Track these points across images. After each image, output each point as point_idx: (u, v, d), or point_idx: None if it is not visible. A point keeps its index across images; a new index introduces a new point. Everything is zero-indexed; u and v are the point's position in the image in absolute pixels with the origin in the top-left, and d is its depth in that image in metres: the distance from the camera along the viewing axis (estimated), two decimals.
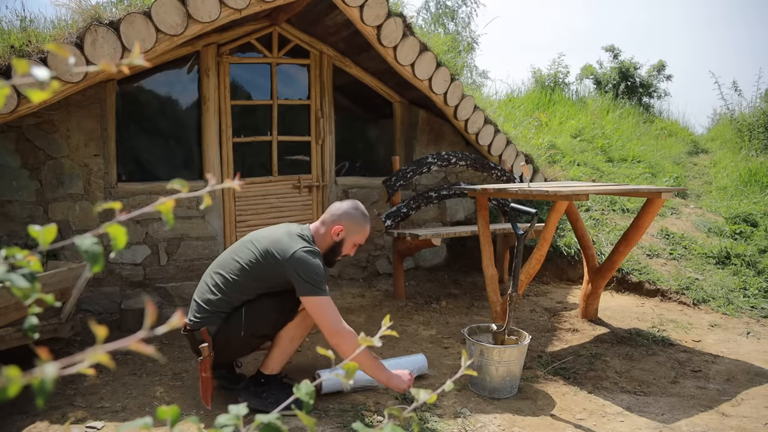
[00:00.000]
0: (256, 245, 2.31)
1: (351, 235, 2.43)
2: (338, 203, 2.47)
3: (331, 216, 2.42)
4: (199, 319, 2.34)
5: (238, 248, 2.38)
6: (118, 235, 0.60)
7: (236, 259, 2.33)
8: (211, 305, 2.33)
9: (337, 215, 2.41)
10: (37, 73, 0.53)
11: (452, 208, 5.10)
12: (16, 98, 2.90)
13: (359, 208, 2.46)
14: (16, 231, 3.43)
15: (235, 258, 2.35)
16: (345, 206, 2.44)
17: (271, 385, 2.39)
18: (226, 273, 2.33)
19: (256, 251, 2.29)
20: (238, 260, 2.32)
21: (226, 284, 2.32)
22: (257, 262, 2.28)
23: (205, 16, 3.22)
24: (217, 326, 2.33)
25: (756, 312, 3.82)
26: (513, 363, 2.56)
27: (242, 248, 2.36)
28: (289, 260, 2.21)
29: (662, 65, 9.61)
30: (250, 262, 2.29)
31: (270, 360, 2.42)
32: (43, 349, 0.48)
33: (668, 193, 3.24)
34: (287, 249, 2.23)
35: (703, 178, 6.44)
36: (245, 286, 2.31)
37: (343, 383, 2.48)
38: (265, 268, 2.27)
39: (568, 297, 4.26)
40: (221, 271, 2.35)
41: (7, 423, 2.24)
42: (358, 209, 2.45)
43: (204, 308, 2.34)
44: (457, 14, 13.82)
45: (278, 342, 2.42)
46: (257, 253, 2.28)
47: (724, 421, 2.38)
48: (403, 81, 4.26)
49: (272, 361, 2.42)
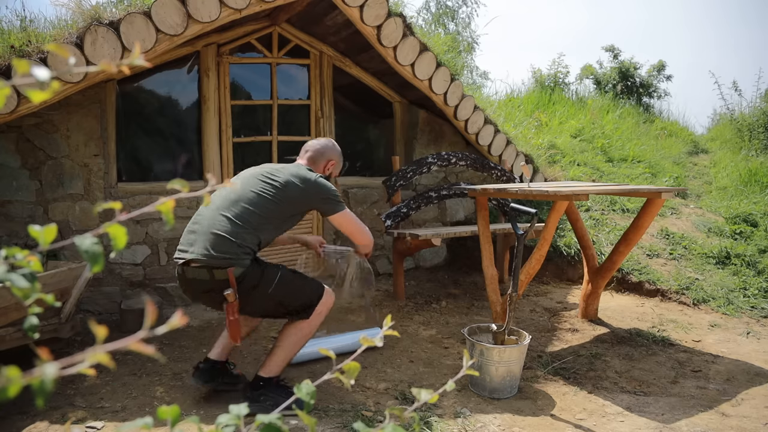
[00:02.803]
0: (275, 177, 2.41)
1: (336, 167, 2.69)
2: (314, 142, 2.68)
3: (319, 154, 2.62)
4: (224, 255, 2.23)
5: (251, 183, 2.40)
6: (118, 235, 0.60)
7: (256, 191, 2.36)
8: (239, 238, 2.26)
9: (325, 152, 2.63)
10: (37, 73, 0.53)
11: (452, 208, 5.10)
12: (16, 98, 2.90)
13: (334, 141, 2.71)
14: (16, 231, 3.43)
15: (253, 191, 2.37)
16: (325, 142, 2.68)
17: (268, 388, 2.38)
18: (247, 204, 2.33)
19: (277, 182, 2.39)
20: (259, 191, 2.36)
21: (250, 215, 2.31)
22: (281, 189, 2.37)
23: (205, 16, 3.22)
24: (243, 270, 2.25)
25: (756, 312, 3.82)
26: (513, 363, 2.56)
27: (255, 182, 2.40)
28: (312, 186, 2.42)
29: (662, 65, 9.61)
30: (272, 191, 2.37)
31: (271, 362, 2.39)
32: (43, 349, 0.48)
33: (668, 193, 3.24)
34: (308, 177, 2.43)
35: (703, 178, 6.44)
36: (269, 215, 2.35)
37: (317, 352, 2.74)
38: (288, 195, 2.39)
39: (568, 297, 4.26)
40: (242, 203, 2.33)
41: (7, 423, 2.24)
42: (335, 142, 2.71)
43: (231, 242, 2.24)
44: (457, 14, 13.82)
45: (282, 343, 2.40)
46: (278, 183, 2.38)
47: (724, 421, 2.38)
48: (403, 81, 4.26)
49: (273, 363, 2.39)
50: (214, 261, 2.23)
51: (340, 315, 3.75)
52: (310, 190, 2.41)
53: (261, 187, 2.37)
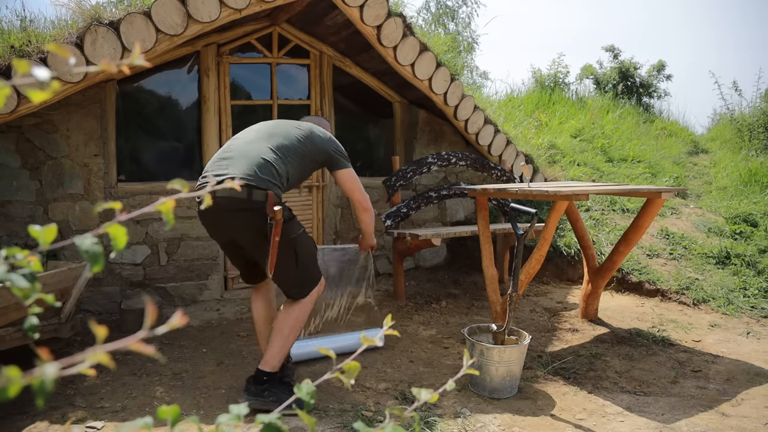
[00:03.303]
0: (299, 128, 2.53)
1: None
2: (309, 117, 2.87)
3: (320, 121, 2.80)
4: (267, 178, 2.26)
5: (279, 125, 2.53)
6: (118, 235, 0.60)
7: (287, 131, 2.48)
8: (279, 166, 2.33)
9: (322, 122, 2.81)
10: (37, 73, 0.53)
11: (452, 208, 5.10)
12: (17, 98, 2.90)
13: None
14: (16, 231, 3.43)
15: (285, 130, 2.49)
16: (319, 117, 2.89)
17: (272, 384, 2.38)
18: (283, 139, 2.43)
19: (302, 128, 2.53)
20: (290, 131, 2.48)
21: (287, 149, 2.41)
22: (307, 135, 2.52)
23: (205, 16, 3.22)
24: (277, 200, 2.26)
25: (756, 312, 3.82)
26: (513, 363, 2.56)
27: (284, 124, 2.54)
28: (330, 139, 2.60)
29: (662, 65, 9.61)
30: (301, 135, 2.50)
31: (270, 354, 2.38)
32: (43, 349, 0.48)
33: (668, 193, 3.24)
34: (326, 133, 2.63)
35: (703, 178, 6.44)
36: (300, 155, 2.46)
37: (316, 351, 2.80)
38: (313, 141, 2.52)
39: (568, 297, 4.26)
40: (278, 138, 2.42)
41: (7, 423, 2.24)
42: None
43: (273, 168, 2.31)
44: (458, 14, 13.82)
45: (278, 329, 2.39)
46: (304, 129, 2.53)
47: (724, 421, 2.38)
48: (403, 81, 4.26)
49: (272, 355, 2.38)
50: (258, 181, 2.23)
51: (340, 314, 3.75)
52: (328, 142, 2.58)
53: (290, 129, 2.50)
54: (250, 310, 3.83)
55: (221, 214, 2.26)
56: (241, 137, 2.48)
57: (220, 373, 2.81)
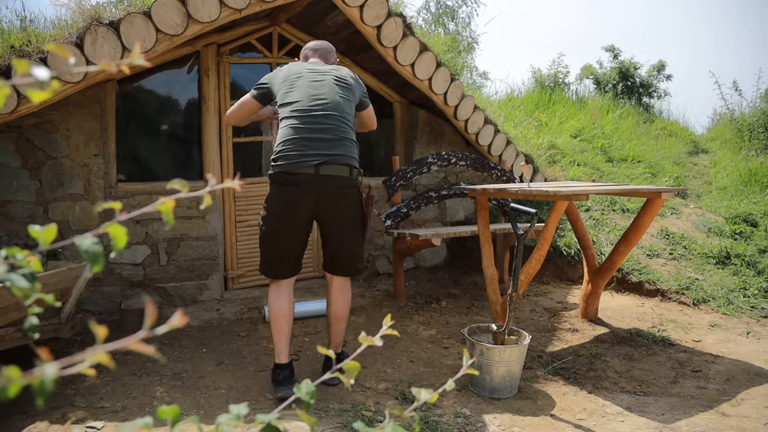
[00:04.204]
0: (343, 85, 2.56)
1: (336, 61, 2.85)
2: (314, 43, 2.81)
3: (327, 51, 2.76)
4: (355, 156, 2.52)
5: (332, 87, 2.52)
6: (118, 235, 0.60)
7: (340, 97, 2.52)
8: (353, 136, 2.55)
9: (329, 48, 2.79)
10: (37, 73, 0.53)
11: (452, 208, 5.10)
12: (16, 98, 2.90)
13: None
14: (16, 231, 3.43)
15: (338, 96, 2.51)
16: (324, 42, 2.83)
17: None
18: (343, 107, 2.51)
19: (345, 88, 2.56)
20: (341, 97, 2.52)
21: (349, 116, 2.52)
22: (351, 95, 2.58)
23: (205, 16, 3.22)
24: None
25: (756, 312, 3.82)
26: (513, 363, 2.56)
27: (334, 90, 2.52)
28: (360, 82, 2.67)
29: (662, 65, 9.61)
30: (348, 97, 2.55)
31: (339, 340, 2.70)
32: (43, 349, 0.48)
33: (668, 193, 3.24)
34: (354, 76, 2.65)
35: (703, 178, 6.44)
36: (352, 118, 2.57)
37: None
38: (353, 99, 2.59)
39: (568, 297, 4.26)
40: (342, 107, 2.50)
41: (7, 423, 2.24)
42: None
43: (354, 144, 2.53)
44: (457, 14, 13.83)
45: (343, 319, 2.67)
46: (347, 89, 2.56)
47: (724, 421, 2.38)
48: (403, 81, 4.26)
49: (340, 339, 2.70)
50: (353, 161, 2.49)
51: None
52: (360, 86, 2.65)
53: (337, 92, 2.51)
54: (250, 310, 3.85)
55: (326, 191, 2.45)
56: (313, 110, 2.47)
57: (220, 373, 2.81)
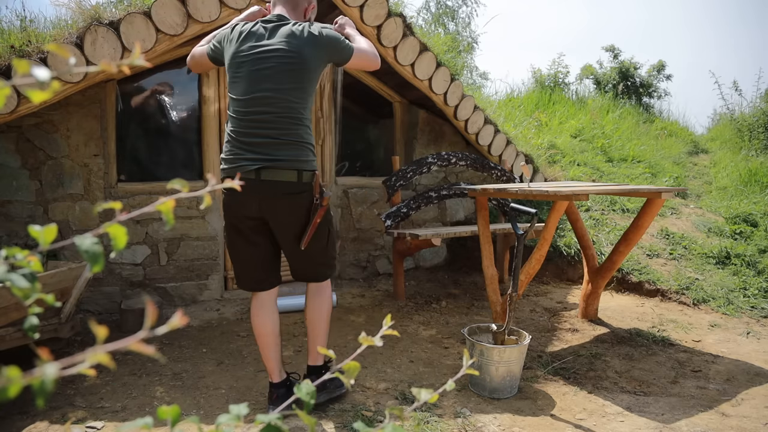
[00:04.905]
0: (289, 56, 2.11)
1: (314, 10, 2.39)
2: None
3: (297, 2, 2.29)
4: (305, 158, 2.12)
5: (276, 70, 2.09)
6: (118, 235, 0.60)
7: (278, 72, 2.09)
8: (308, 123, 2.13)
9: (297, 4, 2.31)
10: (37, 73, 0.53)
11: (452, 208, 5.10)
12: (17, 98, 2.90)
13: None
14: (16, 231, 3.43)
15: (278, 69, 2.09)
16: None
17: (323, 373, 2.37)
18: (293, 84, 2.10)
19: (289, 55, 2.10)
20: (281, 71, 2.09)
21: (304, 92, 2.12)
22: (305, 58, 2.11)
23: (205, 16, 3.22)
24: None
25: (756, 312, 3.82)
26: (513, 363, 2.56)
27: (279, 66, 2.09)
28: (327, 37, 2.16)
29: (662, 65, 9.62)
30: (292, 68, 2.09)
31: (313, 345, 2.42)
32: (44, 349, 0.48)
33: (668, 193, 3.24)
34: (313, 33, 2.14)
35: (703, 178, 6.44)
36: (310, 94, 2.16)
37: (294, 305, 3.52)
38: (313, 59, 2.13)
39: (568, 297, 4.26)
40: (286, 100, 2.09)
41: (7, 423, 2.24)
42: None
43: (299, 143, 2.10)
44: (457, 14, 13.83)
45: (319, 325, 2.38)
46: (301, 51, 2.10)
47: (724, 421, 2.38)
48: (403, 81, 4.26)
49: (314, 345, 2.40)
50: (304, 164, 2.12)
51: (340, 314, 3.75)
52: (327, 41, 2.16)
53: (288, 73, 2.09)
54: (249, 311, 3.84)
55: (269, 198, 2.11)
56: (252, 108, 2.09)
57: (220, 373, 2.81)
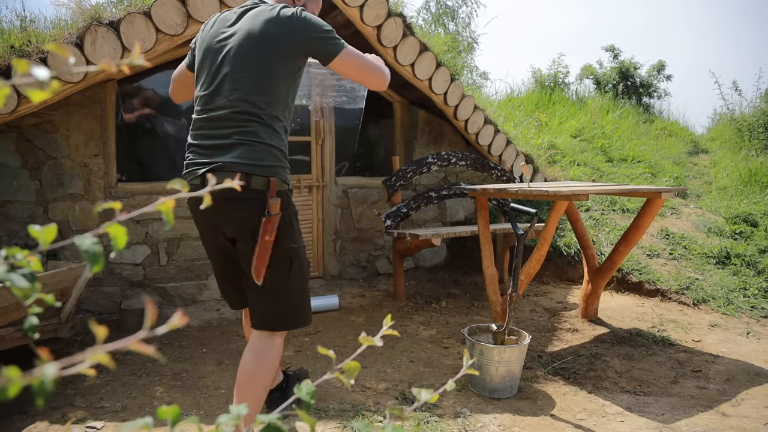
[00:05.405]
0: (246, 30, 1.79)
1: (311, 2, 2.08)
2: None
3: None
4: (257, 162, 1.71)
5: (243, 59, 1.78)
6: (118, 235, 0.60)
7: (236, 62, 1.78)
8: (264, 124, 1.73)
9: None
10: (37, 73, 0.53)
11: (452, 208, 5.10)
12: (16, 98, 2.90)
13: None
14: (16, 231, 3.43)
15: (235, 60, 1.78)
16: None
17: None
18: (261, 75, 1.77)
19: (252, 41, 1.78)
20: (239, 62, 1.78)
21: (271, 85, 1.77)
22: (272, 46, 1.78)
23: (205, 16, 3.21)
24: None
25: (756, 312, 3.82)
26: (513, 363, 2.56)
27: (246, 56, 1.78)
28: (305, 23, 1.79)
29: (662, 65, 9.62)
30: (254, 58, 1.78)
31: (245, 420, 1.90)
32: (43, 349, 0.48)
33: (668, 193, 3.24)
34: (282, 15, 1.78)
35: (703, 178, 6.45)
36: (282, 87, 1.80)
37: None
38: (280, 47, 1.78)
39: (568, 297, 4.26)
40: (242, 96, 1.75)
41: (7, 423, 2.24)
42: None
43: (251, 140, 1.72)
44: (457, 14, 13.84)
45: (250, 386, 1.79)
46: (267, 38, 1.77)
47: (724, 421, 2.38)
48: (403, 81, 4.26)
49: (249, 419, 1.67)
50: (259, 169, 1.74)
51: (340, 314, 3.75)
52: (305, 28, 1.78)
53: (247, 64, 1.78)
54: None
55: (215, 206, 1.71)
56: (205, 107, 1.80)
57: (220, 373, 2.81)
